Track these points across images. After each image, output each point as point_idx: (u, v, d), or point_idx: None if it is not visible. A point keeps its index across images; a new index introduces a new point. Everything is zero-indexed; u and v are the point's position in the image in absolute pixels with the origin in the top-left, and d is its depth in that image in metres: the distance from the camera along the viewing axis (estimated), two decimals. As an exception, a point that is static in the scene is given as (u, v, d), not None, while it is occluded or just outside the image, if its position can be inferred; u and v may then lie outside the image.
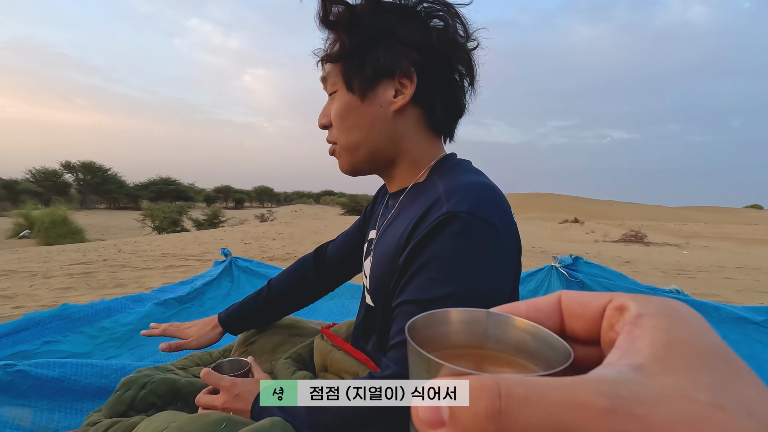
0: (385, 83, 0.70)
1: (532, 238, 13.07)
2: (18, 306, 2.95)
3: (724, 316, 1.30)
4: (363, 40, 0.69)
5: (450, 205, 0.60)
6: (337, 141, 0.76)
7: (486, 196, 0.63)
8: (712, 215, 54.05)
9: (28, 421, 1.01)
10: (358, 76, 0.70)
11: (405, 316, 0.61)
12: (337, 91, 0.74)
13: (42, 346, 1.28)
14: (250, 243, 8.06)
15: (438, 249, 0.59)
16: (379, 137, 0.72)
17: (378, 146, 0.73)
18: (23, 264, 4.90)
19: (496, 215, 0.61)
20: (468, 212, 0.59)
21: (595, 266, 1.53)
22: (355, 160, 0.76)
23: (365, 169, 0.78)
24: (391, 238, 0.70)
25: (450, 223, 0.59)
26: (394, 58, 0.68)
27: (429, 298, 0.58)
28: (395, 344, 0.62)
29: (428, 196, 0.66)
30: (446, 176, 0.69)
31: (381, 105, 0.71)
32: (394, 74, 0.69)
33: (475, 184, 0.64)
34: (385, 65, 0.68)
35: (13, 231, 11.99)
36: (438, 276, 0.59)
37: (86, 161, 31.21)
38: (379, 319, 0.74)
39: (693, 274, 5.91)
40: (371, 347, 0.79)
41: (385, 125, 0.72)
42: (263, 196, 55.57)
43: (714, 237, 16.67)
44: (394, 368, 0.60)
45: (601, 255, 8.52)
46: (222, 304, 1.96)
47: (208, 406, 0.75)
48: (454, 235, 0.59)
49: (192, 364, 1.14)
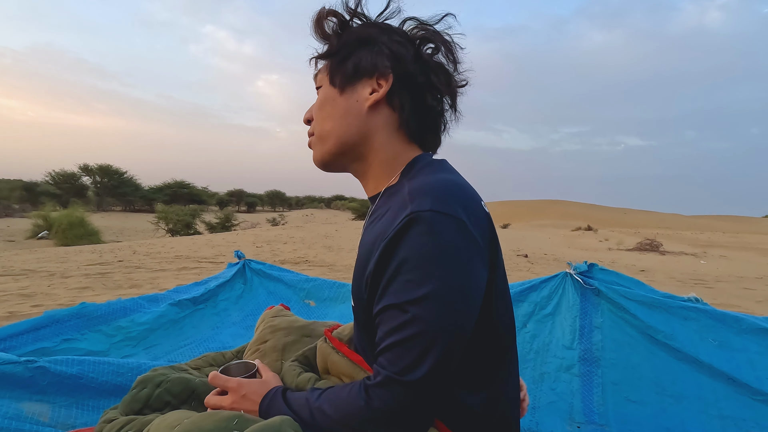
0: (364, 82, 0.75)
1: (544, 245, 12.92)
2: (37, 305, 3.02)
3: (745, 327, 1.27)
4: (348, 42, 0.76)
5: (413, 206, 0.62)
6: (314, 131, 0.81)
7: (449, 192, 0.64)
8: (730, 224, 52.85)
9: (47, 416, 1.03)
10: (341, 72, 0.76)
11: (389, 320, 0.62)
12: (321, 86, 0.80)
13: (61, 343, 1.30)
14: (262, 246, 8.13)
15: (408, 251, 0.61)
16: (349, 129, 0.76)
17: (347, 138, 0.76)
18: (42, 264, 5.02)
19: (461, 208, 0.62)
20: (431, 210, 0.60)
21: (611, 273, 1.50)
22: (325, 150, 0.79)
23: (335, 161, 0.80)
24: (366, 243, 0.72)
25: (415, 223, 0.60)
26: (375, 60, 0.74)
27: (410, 300, 0.60)
28: (383, 349, 0.63)
29: (396, 200, 0.68)
30: (414, 178, 0.71)
31: (357, 100, 0.75)
32: (373, 75, 0.74)
33: (439, 182, 0.66)
34: (365, 65, 0.74)
35: (32, 232, 12.29)
36: (414, 277, 0.60)
37: (103, 164, 31.83)
38: (361, 321, 0.75)
39: (711, 284, 5.77)
40: (359, 345, 0.80)
41: (357, 119, 0.76)
42: (275, 200, 56.04)
43: (732, 246, 16.28)
44: (384, 374, 0.62)
45: (615, 263, 8.37)
46: (235, 305, 1.97)
47: (217, 406, 0.76)
48: (421, 234, 0.60)
49: (205, 365, 1.15)
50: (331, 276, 4.71)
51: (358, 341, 0.84)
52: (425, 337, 0.59)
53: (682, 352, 1.29)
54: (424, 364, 0.59)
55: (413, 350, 0.60)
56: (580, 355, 1.42)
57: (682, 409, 1.24)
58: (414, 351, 0.60)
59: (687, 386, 1.26)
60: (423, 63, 0.75)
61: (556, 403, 1.38)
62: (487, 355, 0.72)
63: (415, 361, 0.59)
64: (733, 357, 1.23)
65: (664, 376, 1.30)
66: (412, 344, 0.60)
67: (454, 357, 0.62)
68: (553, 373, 1.44)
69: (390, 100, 0.75)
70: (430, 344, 0.59)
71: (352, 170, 0.82)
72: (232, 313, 1.92)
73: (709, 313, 1.31)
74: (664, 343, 1.32)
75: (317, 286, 2.05)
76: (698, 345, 1.28)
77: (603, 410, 1.32)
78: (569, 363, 1.43)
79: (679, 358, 1.30)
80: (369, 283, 0.67)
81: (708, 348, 1.27)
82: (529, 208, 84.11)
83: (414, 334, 0.60)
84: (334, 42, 0.77)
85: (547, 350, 1.49)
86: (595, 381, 1.38)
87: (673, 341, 1.31)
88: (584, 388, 1.38)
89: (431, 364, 0.59)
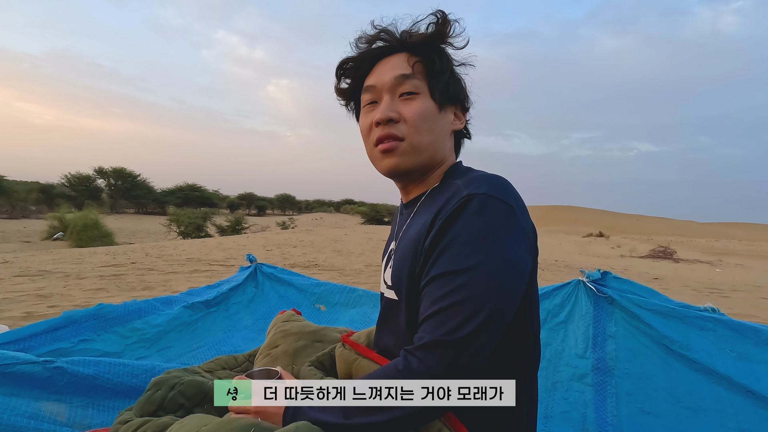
0: (449, 107, 0.83)
1: (555, 251, 12.78)
2: (53, 305, 3.08)
3: (764, 338, 1.24)
4: (448, 66, 0.82)
5: (470, 189, 0.68)
6: (407, 137, 0.78)
7: (501, 182, 0.70)
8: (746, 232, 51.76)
9: (64, 416, 1.05)
10: (441, 90, 0.80)
11: (436, 289, 0.65)
12: (419, 93, 0.80)
13: (78, 344, 1.32)
14: (272, 250, 8.18)
15: (460, 228, 0.65)
16: (443, 147, 0.83)
17: (439, 155, 0.82)
18: (57, 265, 5.11)
19: (512, 197, 0.68)
20: (485, 193, 0.66)
21: (624, 281, 1.48)
22: (417, 161, 0.80)
23: (417, 171, 0.82)
24: (412, 233, 0.76)
25: (469, 203, 0.66)
26: (459, 93, 0.84)
27: (457, 270, 0.63)
28: (426, 317, 0.65)
29: (448, 192, 0.73)
30: (463, 176, 0.77)
31: (447, 122, 0.83)
32: (456, 103, 0.84)
33: (493, 175, 0.72)
34: (454, 93, 0.83)
35: (48, 233, 12.54)
36: (463, 251, 0.64)
37: (117, 167, 32.29)
38: (403, 312, 0.75)
39: (727, 293, 5.65)
40: (392, 344, 0.80)
41: (446, 138, 0.84)
42: (285, 204, 56.38)
43: (749, 255, 15.94)
44: (426, 338, 0.63)
45: (628, 271, 8.25)
46: (246, 309, 1.99)
47: (242, 409, 0.77)
48: (474, 213, 0.65)
49: (218, 368, 1.16)
50: (341, 280, 4.72)
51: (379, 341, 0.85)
52: (471, 302, 0.62)
53: (698, 363, 1.27)
54: (468, 326, 0.61)
55: (459, 315, 0.62)
56: (594, 364, 1.40)
57: (699, 422, 1.21)
58: (459, 315, 0.62)
59: (704, 398, 1.23)
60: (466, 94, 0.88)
61: (568, 412, 1.36)
62: (516, 344, 0.73)
63: (459, 324, 0.61)
64: (752, 369, 1.21)
65: (679, 388, 1.27)
66: (458, 309, 0.62)
67: (496, 327, 0.64)
68: (565, 383, 1.42)
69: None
70: (475, 310, 0.61)
71: (417, 177, 0.84)
72: (244, 317, 1.93)
73: (727, 323, 1.28)
74: (679, 354, 1.30)
75: (328, 291, 2.06)
76: (715, 356, 1.25)
77: (617, 421, 1.30)
78: (582, 372, 1.41)
79: (695, 369, 1.27)
80: (421, 262, 0.70)
81: (726, 359, 1.24)
82: (540, 213, 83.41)
83: (459, 301, 0.62)
84: (437, 59, 0.80)
85: (560, 359, 1.47)
86: (608, 391, 1.35)
87: (689, 352, 1.28)
88: (597, 398, 1.35)
89: (475, 327, 0.61)
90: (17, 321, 2.63)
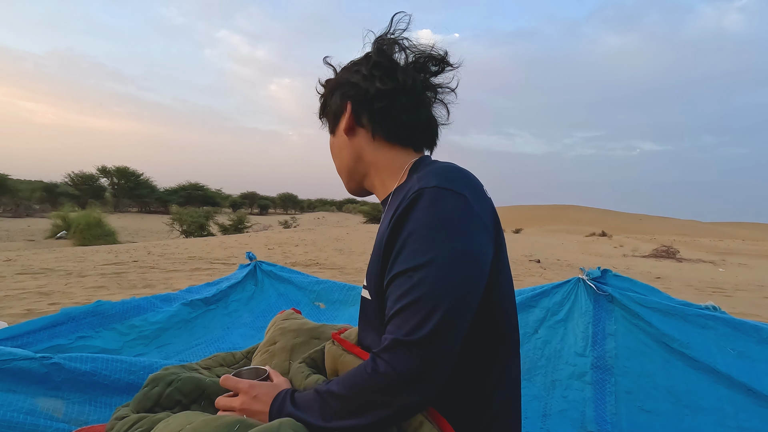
0: (342, 120, 0.87)
1: (557, 250, 12.76)
2: (54, 303, 3.09)
3: (765, 336, 1.23)
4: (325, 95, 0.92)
5: (421, 184, 0.68)
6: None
7: (453, 172, 0.70)
8: (750, 231, 51.50)
9: (61, 412, 1.05)
10: (327, 120, 0.94)
11: (396, 288, 0.65)
12: None
13: (76, 340, 1.33)
14: (274, 248, 8.20)
15: (413, 224, 0.66)
16: (347, 159, 0.89)
17: (348, 166, 0.90)
18: (60, 263, 5.14)
19: (464, 186, 0.68)
20: (436, 186, 0.66)
21: (625, 279, 1.47)
22: (344, 183, 0.94)
23: (355, 188, 0.93)
24: (379, 232, 0.78)
25: (420, 198, 0.66)
26: (338, 99, 0.87)
27: (413, 267, 0.63)
28: (390, 317, 0.65)
29: (406, 188, 0.73)
30: (421, 170, 0.76)
31: (340, 135, 0.89)
32: (343, 110, 0.86)
33: (444, 166, 0.72)
34: (335, 107, 0.88)
35: (52, 231, 12.60)
36: (419, 247, 0.64)
37: (120, 166, 32.42)
38: (376, 311, 0.76)
39: (730, 292, 5.63)
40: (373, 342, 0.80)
41: (346, 148, 0.89)
42: (287, 203, 56.49)
43: (752, 254, 15.86)
44: (390, 338, 0.63)
45: (630, 270, 8.23)
46: (245, 306, 1.99)
47: (227, 407, 0.77)
48: (425, 208, 0.65)
49: (216, 365, 1.16)
50: (342, 279, 4.73)
51: (362, 340, 0.85)
52: (429, 298, 0.61)
53: (698, 361, 1.26)
54: (429, 323, 0.61)
55: (419, 312, 0.61)
56: (593, 362, 1.39)
57: (699, 421, 1.20)
58: (419, 313, 0.61)
59: (704, 397, 1.23)
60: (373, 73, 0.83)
61: (567, 411, 1.35)
62: (486, 340, 0.72)
63: (420, 322, 0.61)
64: (753, 367, 1.20)
65: (679, 386, 1.27)
66: (418, 307, 0.62)
67: (459, 320, 0.63)
68: (564, 381, 1.41)
69: (359, 121, 0.86)
70: (434, 305, 0.61)
71: (369, 188, 0.92)
72: (243, 314, 1.93)
73: (728, 321, 1.27)
74: (680, 352, 1.29)
75: (327, 289, 2.06)
76: (716, 354, 1.24)
77: (616, 419, 1.29)
78: (581, 370, 1.40)
79: (695, 367, 1.26)
80: (381, 262, 0.71)
81: (726, 358, 1.23)
82: (542, 213, 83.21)
83: (419, 297, 0.62)
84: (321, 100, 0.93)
85: (559, 357, 1.46)
86: (608, 389, 1.35)
87: (689, 350, 1.27)
88: (597, 397, 1.35)
89: (436, 323, 0.61)
90: (18, 318, 2.64)
